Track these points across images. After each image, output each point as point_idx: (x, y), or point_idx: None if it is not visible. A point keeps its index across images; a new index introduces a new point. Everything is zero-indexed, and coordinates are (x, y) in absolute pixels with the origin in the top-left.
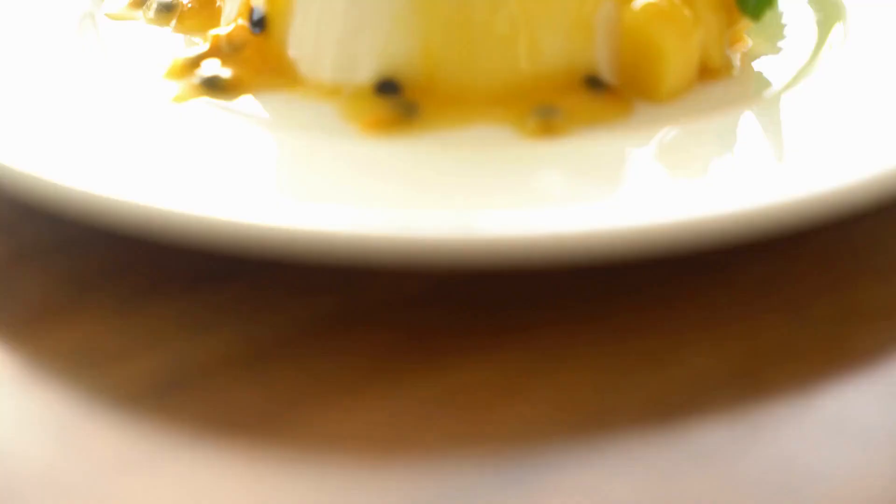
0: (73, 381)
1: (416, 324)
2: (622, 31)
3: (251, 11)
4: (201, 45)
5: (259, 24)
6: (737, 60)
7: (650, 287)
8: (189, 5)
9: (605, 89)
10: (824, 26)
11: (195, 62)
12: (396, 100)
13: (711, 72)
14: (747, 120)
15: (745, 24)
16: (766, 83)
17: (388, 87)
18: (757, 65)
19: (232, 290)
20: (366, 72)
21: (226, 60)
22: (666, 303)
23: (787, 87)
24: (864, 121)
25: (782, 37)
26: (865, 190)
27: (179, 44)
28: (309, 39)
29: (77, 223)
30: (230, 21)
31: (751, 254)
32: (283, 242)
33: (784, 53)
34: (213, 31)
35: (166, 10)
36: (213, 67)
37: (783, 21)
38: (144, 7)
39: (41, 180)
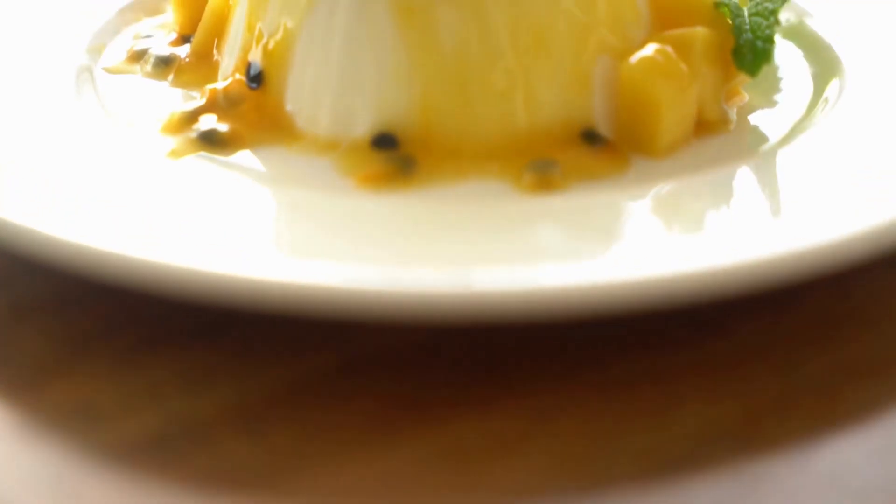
0: (71, 437)
1: (412, 378)
2: (619, 86)
3: (248, 66)
4: (198, 99)
5: (256, 79)
6: (733, 114)
7: (646, 342)
8: (186, 59)
9: (602, 143)
10: (820, 80)
11: (192, 117)
12: (393, 154)
13: (708, 126)
14: (743, 175)
15: (742, 78)
16: (763, 138)
17: (384, 142)
18: (753, 119)
19: (229, 345)
20: (362, 126)
21: (223, 115)
22: (662, 358)
23: (783, 142)
24: (858, 176)
25: (778, 90)
26: (859, 244)
27: (177, 98)
28: (306, 93)
29: (74, 278)
30: (227, 75)
31: (746, 308)
32: (280, 297)
33: (780, 107)
34: (210, 86)
35: (164, 65)
36: (210, 122)
37: (779, 74)
38: (142, 61)
39: (38, 234)
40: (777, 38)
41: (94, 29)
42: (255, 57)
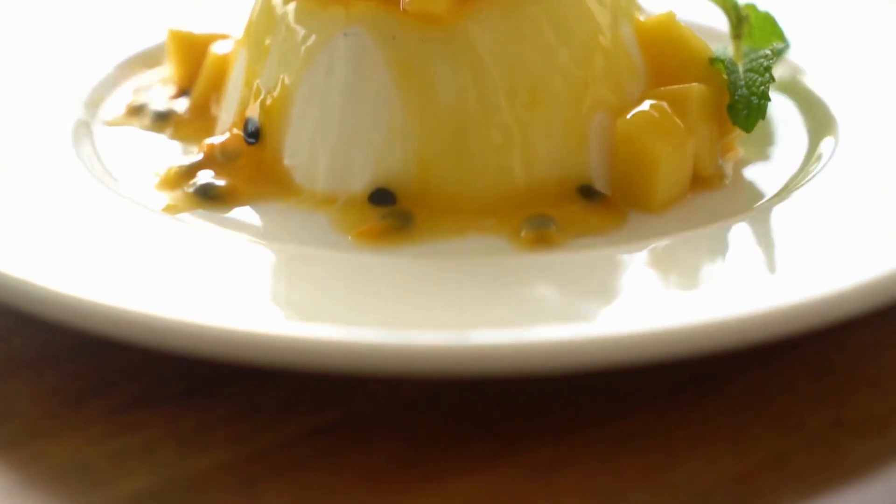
0: (64, 496)
1: (410, 435)
2: (615, 142)
3: (246, 122)
4: (196, 154)
5: (254, 134)
6: (729, 169)
7: (644, 398)
8: (185, 113)
9: (598, 199)
10: (814, 135)
11: (190, 172)
12: (390, 209)
13: (704, 181)
14: (739, 230)
15: (737, 133)
16: (758, 193)
17: (382, 197)
18: (748, 173)
19: (225, 402)
20: (360, 181)
21: (220, 170)
22: (659, 414)
23: (778, 197)
24: (852, 231)
25: (773, 144)
26: (854, 298)
27: (175, 152)
28: (304, 149)
29: (69, 332)
30: (225, 130)
31: (743, 362)
32: (276, 352)
33: (775, 162)
34: (207, 141)
35: (162, 119)
36: (208, 177)
37: (773, 128)
38: (141, 115)
39: (33, 287)
40: (771, 93)
41: (93, 82)
42: (253, 113)
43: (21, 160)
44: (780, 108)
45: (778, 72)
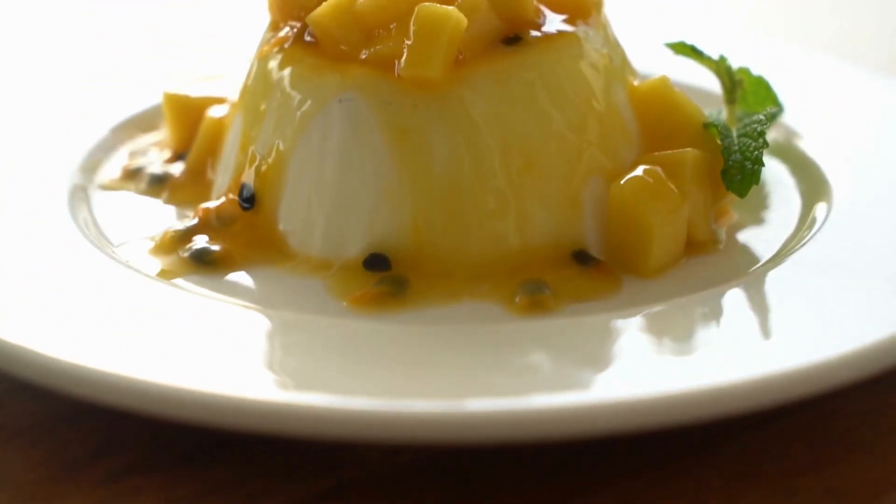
0: None
1: (404, 502)
2: (610, 207)
3: (241, 187)
4: (191, 218)
5: (249, 200)
6: (722, 234)
7: (636, 466)
8: (180, 177)
9: (593, 264)
10: (808, 199)
11: (185, 236)
12: (386, 275)
13: (698, 245)
14: (733, 296)
15: (731, 197)
16: (752, 259)
17: (376, 262)
18: (742, 237)
19: (220, 469)
20: (355, 246)
21: (215, 235)
22: (654, 480)
23: (772, 263)
24: (846, 298)
25: (766, 208)
26: (848, 366)
27: (171, 216)
28: (299, 214)
29: (63, 399)
30: (221, 194)
31: (736, 429)
32: (270, 420)
33: (768, 226)
34: (203, 205)
35: (158, 183)
36: (203, 242)
37: (767, 192)
38: (137, 179)
39: (28, 353)
40: (765, 156)
41: (89, 146)
42: (248, 179)
43: (17, 225)
44: (774, 171)
45: (771, 135)
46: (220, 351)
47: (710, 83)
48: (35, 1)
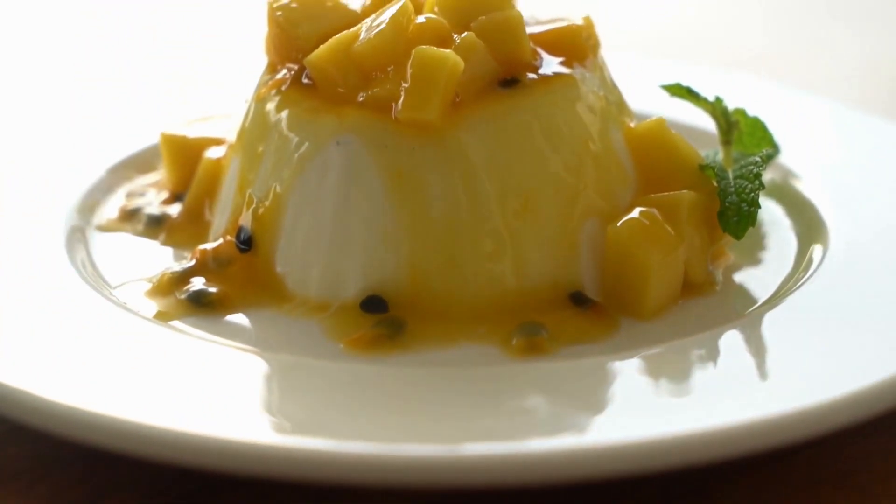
0: None
1: None
2: (606, 249)
3: (239, 230)
4: (189, 260)
5: (246, 242)
6: (719, 275)
7: None
8: (178, 218)
9: (589, 306)
10: (804, 239)
11: (182, 278)
12: (382, 317)
13: (695, 287)
14: (730, 338)
15: (728, 239)
16: (749, 300)
17: (374, 304)
18: (739, 278)
19: None
20: (352, 288)
21: (212, 276)
22: None
23: (769, 304)
24: (844, 339)
25: (763, 248)
26: (846, 408)
27: (168, 257)
28: (296, 256)
29: (61, 441)
30: (218, 235)
31: (734, 472)
32: (266, 463)
33: (765, 267)
34: (200, 247)
35: (156, 224)
36: (200, 283)
37: (763, 232)
38: (134, 220)
39: (25, 395)
40: (761, 196)
41: (86, 187)
42: (246, 221)
43: (15, 266)
44: (769, 212)
45: (767, 175)
46: (217, 394)
47: (707, 122)
48: (31, 42)
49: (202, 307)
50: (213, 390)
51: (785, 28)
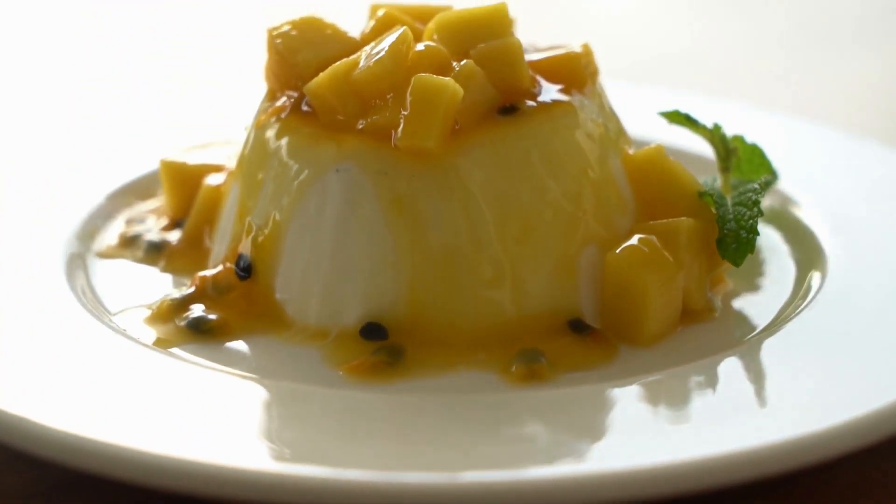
0: None
1: None
2: (605, 276)
3: (238, 257)
4: (188, 286)
5: (246, 269)
6: (718, 302)
7: None
8: (178, 245)
9: (589, 333)
10: (803, 266)
11: (182, 305)
12: (382, 344)
13: (694, 314)
14: (729, 365)
15: (726, 265)
16: (748, 327)
17: (373, 331)
18: (737, 304)
19: None
20: (352, 315)
21: (211, 303)
22: None
23: (768, 331)
24: (844, 366)
25: (761, 275)
26: (845, 435)
27: (168, 284)
28: (296, 283)
29: (59, 468)
30: (218, 262)
31: (735, 499)
32: (265, 490)
33: (764, 293)
34: (200, 274)
35: (155, 250)
36: (199, 310)
37: (762, 258)
38: (134, 246)
39: (23, 422)
40: (760, 223)
41: (86, 214)
42: (245, 249)
43: (15, 293)
44: (768, 238)
45: (766, 201)
46: (217, 421)
47: (705, 148)
48: (32, 68)
49: (202, 334)
50: (213, 417)
51: (783, 54)
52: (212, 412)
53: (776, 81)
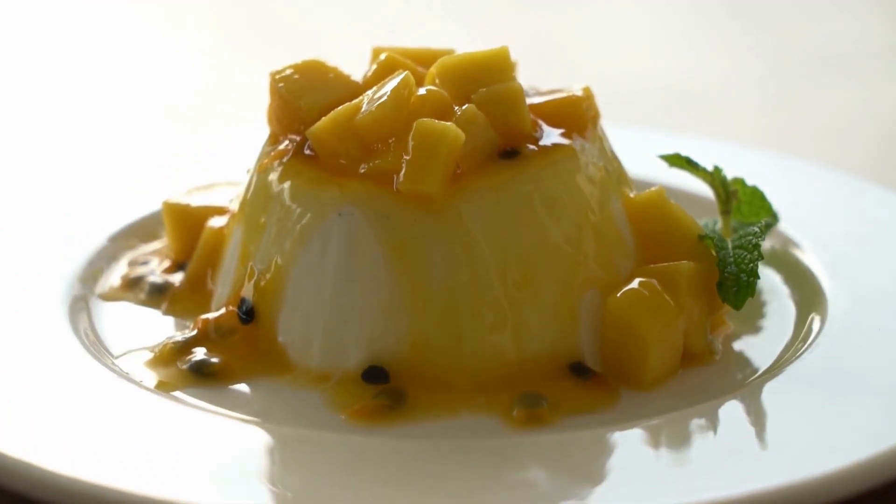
0: None
1: None
2: (606, 319)
3: (241, 301)
4: (191, 329)
5: (248, 313)
6: (719, 345)
7: None
8: (180, 287)
9: (590, 377)
10: (804, 308)
11: (184, 348)
12: (384, 387)
13: (694, 357)
14: (731, 408)
15: (727, 308)
16: (749, 370)
17: (375, 375)
18: (738, 347)
19: None
20: (354, 358)
21: (214, 347)
22: None
23: (769, 374)
24: (846, 409)
25: (762, 316)
26: (849, 479)
27: (170, 327)
28: (298, 327)
29: None
30: (220, 305)
31: None
32: None
33: (765, 335)
34: (202, 316)
35: (158, 292)
36: (202, 354)
37: (763, 300)
38: (137, 289)
39: (23, 466)
40: (760, 265)
41: (88, 256)
42: (248, 293)
43: (17, 336)
44: (769, 279)
45: (766, 243)
46: (219, 465)
47: (705, 188)
48: (33, 108)
49: (204, 377)
50: (215, 462)
51: (784, 96)
52: (214, 456)
53: (777, 124)
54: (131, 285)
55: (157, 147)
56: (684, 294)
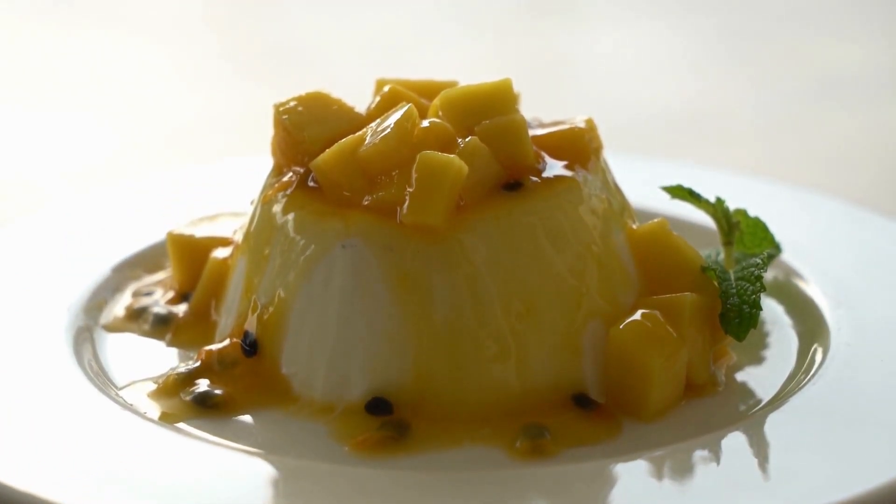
0: None
1: None
2: (609, 351)
3: (245, 334)
4: (194, 360)
5: (252, 345)
6: (721, 376)
7: None
8: (184, 318)
9: (593, 408)
10: (806, 338)
11: (187, 379)
12: (387, 419)
13: (697, 388)
14: (734, 440)
15: (729, 339)
16: (752, 401)
17: (378, 406)
18: (741, 377)
19: None
20: (357, 390)
21: (217, 378)
22: None
23: (772, 405)
24: (850, 440)
25: (765, 346)
26: None
27: (173, 358)
28: (301, 358)
29: None
30: (224, 336)
31: None
32: None
33: (768, 366)
34: (206, 348)
35: (162, 323)
36: (205, 385)
37: (766, 330)
38: (141, 319)
39: (29, 498)
40: (762, 296)
41: (92, 286)
42: (251, 326)
43: (21, 368)
44: (771, 310)
45: (769, 274)
46: (222, 497)
47: (707, 219)
48: (36, 140)
49: (208, 409)
50: (218, 493)
51: (786, 123)
52: (217, 488)
53: (776, 144)
54: (135, 316)
55: (161, 178)
56: (687, 325)
